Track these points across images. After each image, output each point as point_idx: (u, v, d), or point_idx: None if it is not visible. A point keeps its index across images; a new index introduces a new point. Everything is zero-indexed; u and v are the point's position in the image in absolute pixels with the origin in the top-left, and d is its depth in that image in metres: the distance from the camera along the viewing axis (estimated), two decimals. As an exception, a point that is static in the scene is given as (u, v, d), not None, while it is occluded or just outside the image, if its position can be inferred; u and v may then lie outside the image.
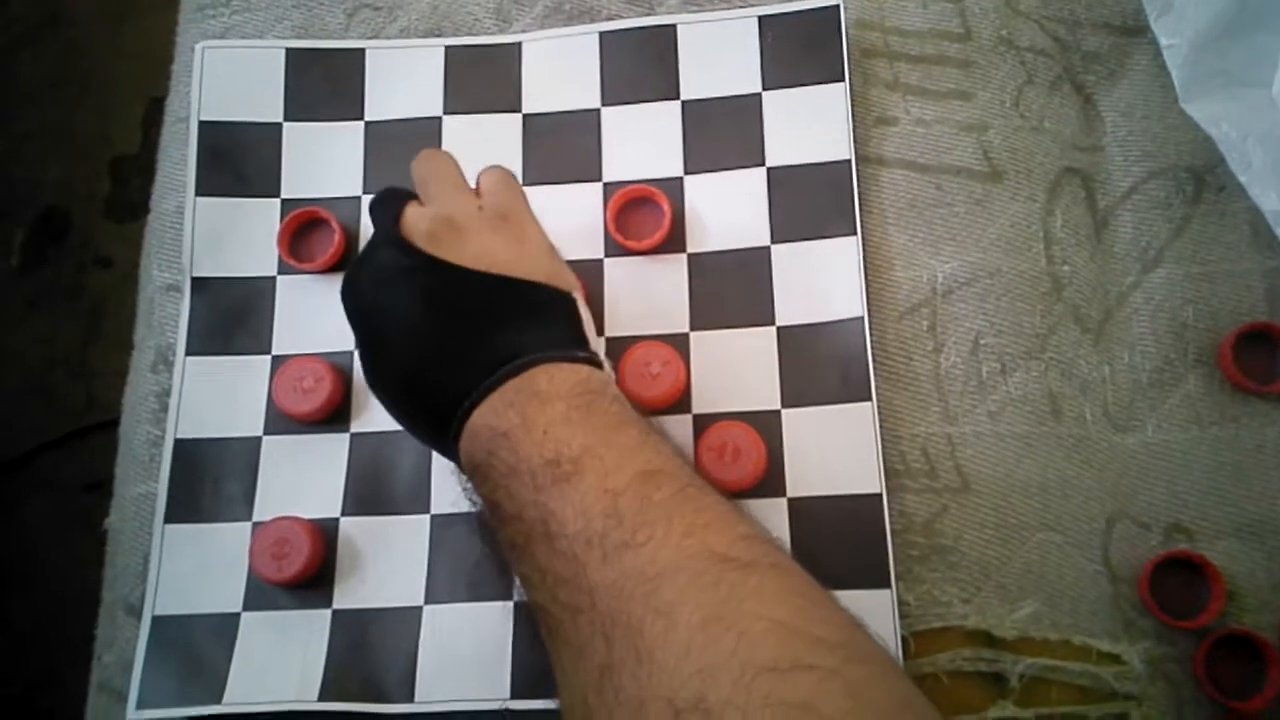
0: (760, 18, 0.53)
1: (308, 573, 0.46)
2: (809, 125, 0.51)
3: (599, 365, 0.39)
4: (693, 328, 0.49)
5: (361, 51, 0.54)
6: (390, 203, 0.41)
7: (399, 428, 0.48)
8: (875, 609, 0.44)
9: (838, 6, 0.52)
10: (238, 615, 0.46)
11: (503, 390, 0.36)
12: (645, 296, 0.50)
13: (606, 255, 0.51)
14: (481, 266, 0.38)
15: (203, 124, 0.53)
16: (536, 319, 0.39)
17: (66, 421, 1.18)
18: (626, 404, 0.38)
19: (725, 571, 0.31)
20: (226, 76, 0.54)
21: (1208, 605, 0.44)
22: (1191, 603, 0.45)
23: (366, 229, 0.52)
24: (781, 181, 0.51)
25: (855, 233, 0.49)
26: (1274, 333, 0.48)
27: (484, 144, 0.52)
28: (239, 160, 0.53)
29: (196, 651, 0.46)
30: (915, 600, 0.45)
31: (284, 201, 0.52)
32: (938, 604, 0.45)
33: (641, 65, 0.53)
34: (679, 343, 0.49)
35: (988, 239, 0.50)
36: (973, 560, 0.45)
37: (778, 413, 0.48)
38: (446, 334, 0.38)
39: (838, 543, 0.45)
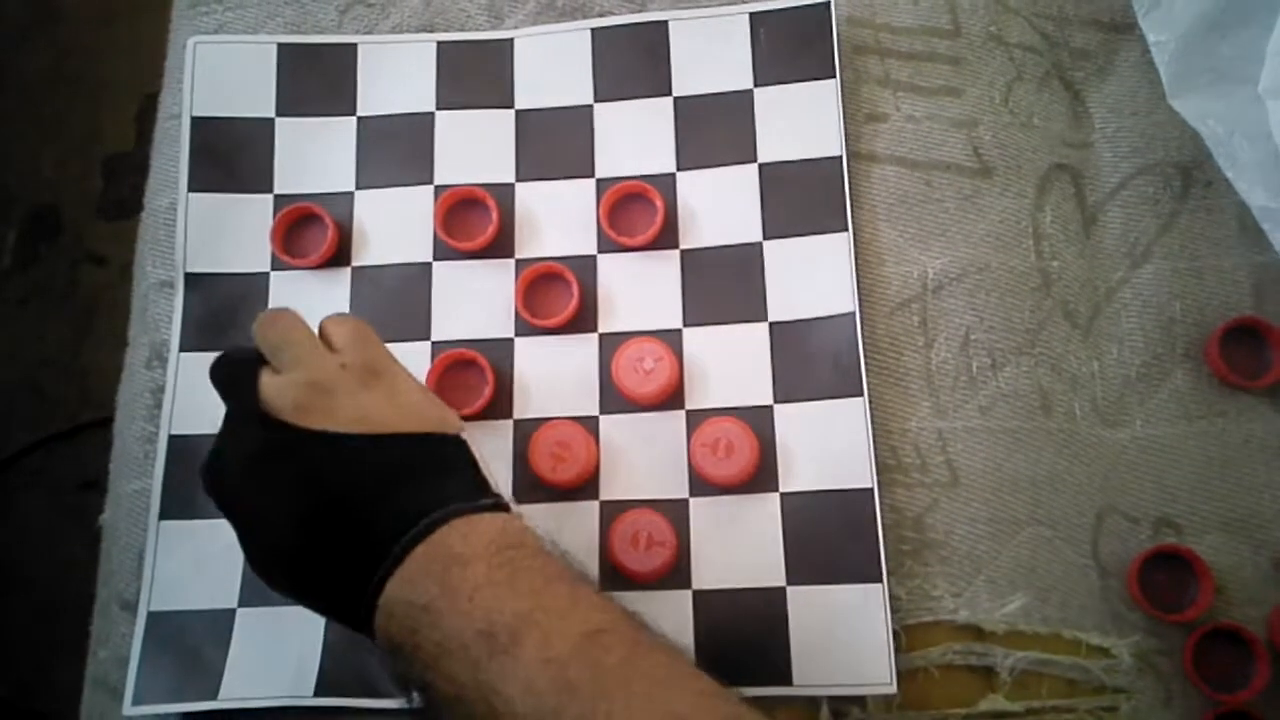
0: (752, 14, 0.53)
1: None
2: (800, 121, 0.51)
3: (506, 508, 0.36)
4: (685, 323, 0.49)
5: (354, 47, 0.54)
6: (240, 374, 0.37)
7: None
8: (867, 603, 0.45)
9: (828, 3, 0.52)
10: (233, 611, 0.46)
11: (413, 557, 0.33)
12: (638, 292, 0.50)
13: (599, 251, 0.51)
14: (361, 429, 0.35)
15: (195, 120, 0.53)
16: (432, 472, 0.36)
17: (60, 420, 1.18)
18: (547, 551, 0.35)
19: None
20: (219, 72, 0.54)
21: (1196, 599, 0.45)
22: (1180, 596, 0.45)
23: (360, 225, 0.52)
24: (773, 178, 0.51)
25: (846, 228, 0.49)
26: (1261, 327, 0.48)
27: (477, 140, 0.53)
28: (232, 156, 0.53)
29: (192, 647, 0.46)
30: (906, 594, 0.45)
31: (277, 197, 0.52)
32: (929, 598, 0.45)
33: (634, 62, 0.53)
34: (672, 338, 0.49)
35: (978, 235, 0.50)
36: (963, 554, 0.46)
37: (770, 408, 0.48)
38: (340, 511, 0.34)
39: (830, 537, 0.46)
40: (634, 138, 0.52)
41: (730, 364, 0.49)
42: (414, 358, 0.49)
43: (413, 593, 0.33)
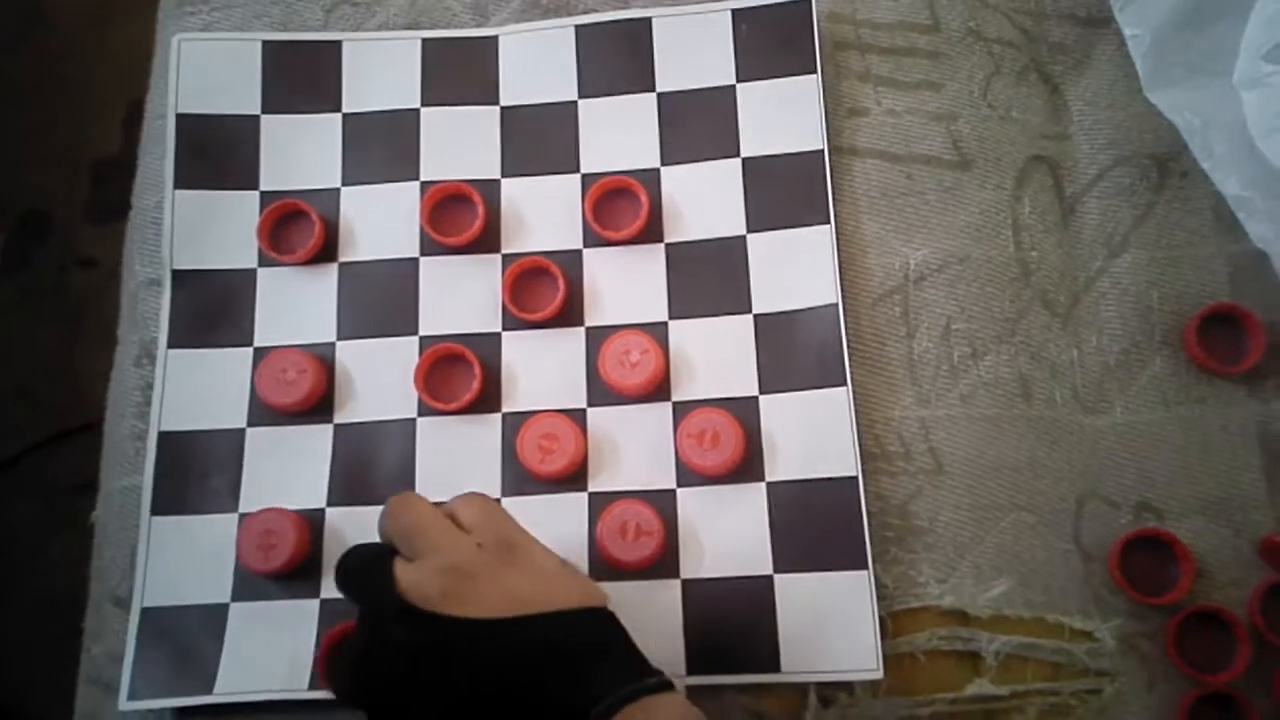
0: (734, 11, 0.53)
1: (294, 563, 0.46)
2: (782, 116, 0.52)
3: (671, 685, 0.34)
4: (671, 316, 0.50)
5: (338, 44, 0.54)
6: (373, 570, 0.35)
7: (383, 418, 0.49)
8: (853, 590, 0.45)
9: (809, 0, 0.53)
10: (226, 606, 0.47)
11: None
12: (623, 286, 0.51)
13: (585, 246, 0.51)
14: (510, 611, 0.34)
15: (180, 117, 0.53)
16: (593, 651, 0.34)
17: (51, 423, 1.17)
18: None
19: None
20: (203, 69, 0.54)
21: (1177, 582, 0.45)
22: (1161, 580, 0.46)
23: (346, 221, 0.52)
24: (756, 172, 0.51)
25: (829, 221, 0.50)
26: (1238, 314, 0.49)
27: (462, 137, 0.53)
28: (217, 153, 0.53)
29: (186, 642, 0.46)
30: (892, 581, 0.46)
31: (263, 194, 0.52)
32: (914, 584, 0.46)
33: (617, 58, 0.54)
34: (657, 331, 0.49)
35: (958, 226, 0.51)
36: (947, 541, 0.46)
37: (755, 399, 0.48)
38: (507, 701, 0.33)
39: (815, 525, 0.46)
40: (618, 133, 0.53)
41: (715, 356, 0.49)
42: (401, 353, 0.50)
43: None
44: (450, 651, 0.33)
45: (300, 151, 0.53)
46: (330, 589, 0.47)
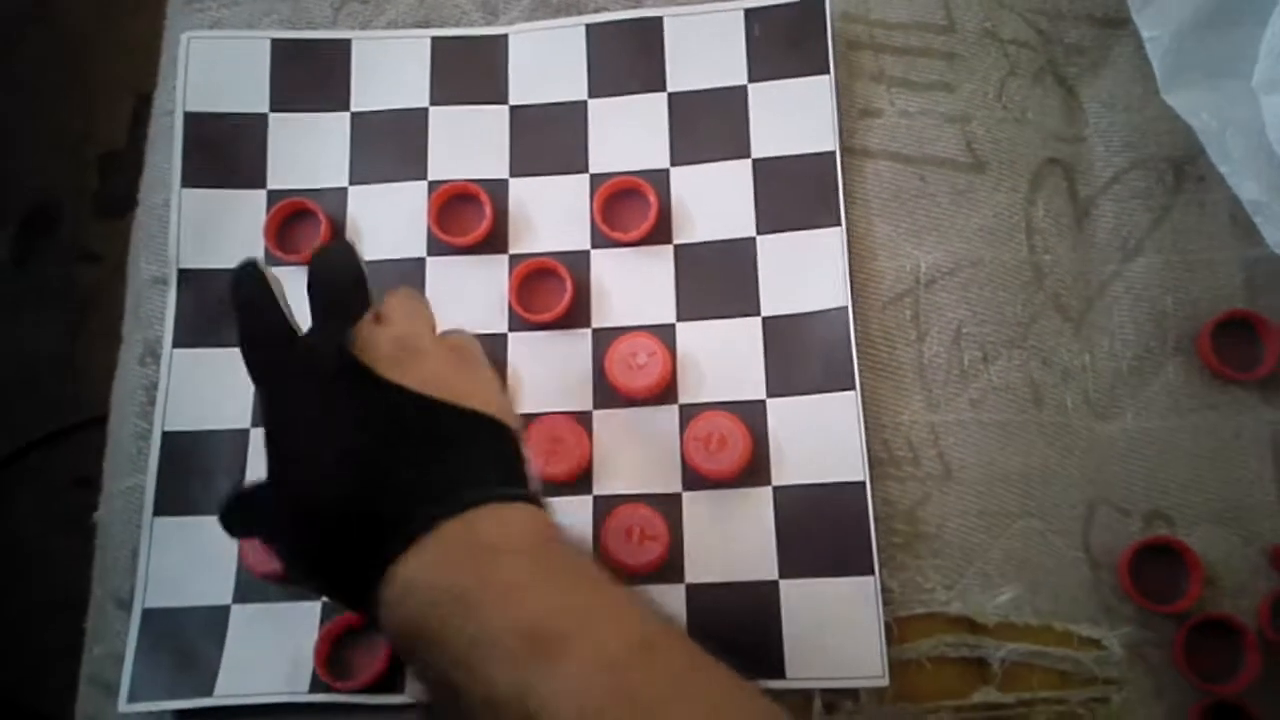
0: (746, 10, 0.53)
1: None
2: (794, 117, 0.51)
3: (539, 504, 0.35)
4: (679, 318, 0.50)
5: (347, 42, 0.54)
6: (340, 306, 0.37)
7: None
8: (859, 596, 0.45)
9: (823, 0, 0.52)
10: (228, 608, 0.46)
11: (442, 535, 0.31)
12: (631, 287, 0.50)
13: (593, 247, 0.51)
14: (430, 391, 0.35)
15: (188, 115, 0.53)
16: (480, 452, 0.35)
17: (54, 418, 1.18)
18: (584, 551, 0.34)
19: None
20: (212, 67, 0.53)
21: (1187, 590, 0.45)
22: (1171, 588, 0.45)
23: (353, 220, 0.52)
24: (767, 173, 0.51)
25: (840, 223, 0.50)
26: (1252, 320, 0.48)
27: (470, 135, 0.53)
28: (225, 152, 0.53)
29: (187, 644, 0.46)
30: (899, 587, 0.45)
31: (270, 193, 0.52)
32: (921, 590, 0.45)
33: (628, 58, 0.53)
34: (665, 333, 0.49)
35: (970, 229, 0.50)
36: (955, 547, 0.46)
37: (763, 402, 0.48)
38: (379, 455, 0.33)
39: (822, 530, 0.46)
40: (628, 133, 0.52)
41: (723, 359, 0.49)
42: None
43: (441, 577, 0.31)
44: (357, 392, 0.34)
45: (308, 150, 0.53)
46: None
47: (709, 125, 0.52)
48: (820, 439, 0.47)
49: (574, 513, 0.47)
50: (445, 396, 0.35)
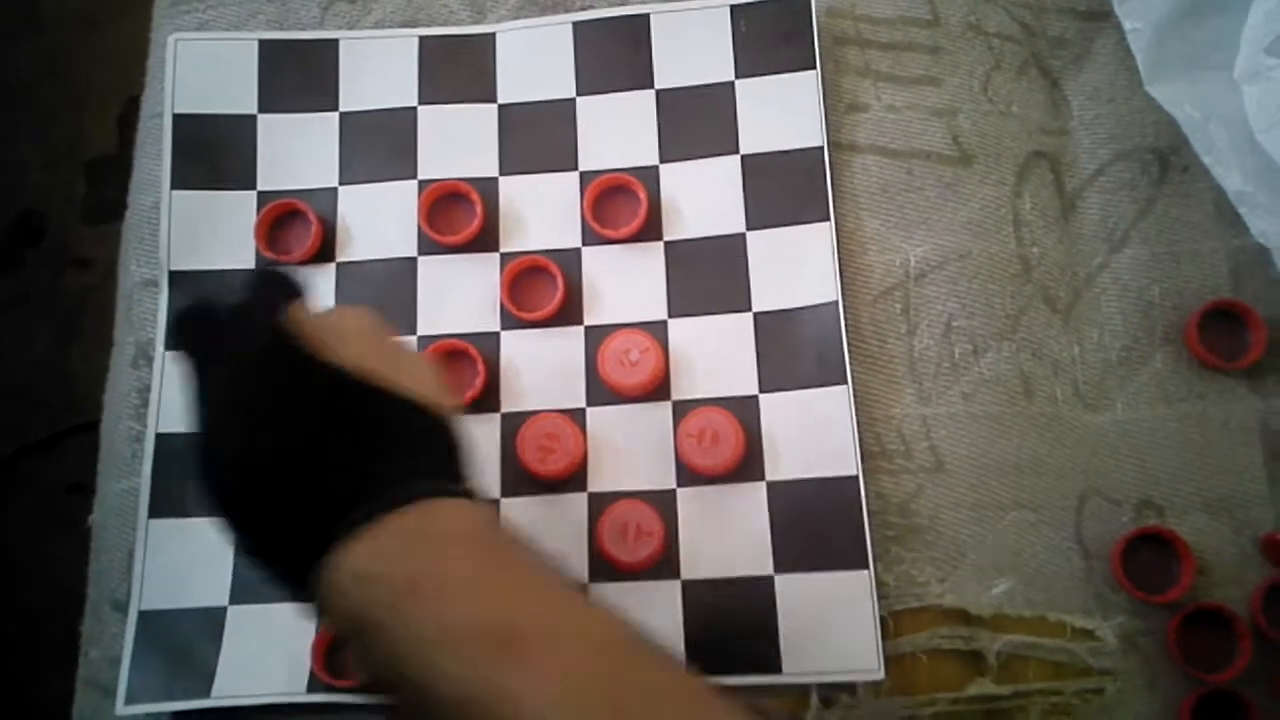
0: (732, 7, 0.53)
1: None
2: (782, 113, 0.51)
3: (470, 496, 0.34)
4: (670, 315, 0.50)
5: (335, 42, 0.54)
6: (275, 288, 0.36)
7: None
8: (854, 590, 0.45)
9: (809, -5, 0.52)
10: (224, 608, 0.46)
11: (387, 527, 0.30)
12: (623, 285, 0.50)
13: (584, 244, 0.51)
14: (366, 373, 0.34)
15: (177, 117, 0.53)
16: (421, 442, 0.34)
17: (48, 424, 1.17)
18: (534, 550, 0.33)
19: None
20: (200, 69, 0.53)
21: (1179, 580, 0.45)
22: (1163, 578, 0.46)
23: (344, 220, 0.52)
24: (755, 169, 0.51)
25: (829, 218, 0.50)
26: (1239, 310, 0.48)
27: (460, 134, 0.53)
28: (214, 153, 0.52)
29: (184, 645, 0.46)
30: (893, 580, 0.46)
31: (260, 194, 0.52)
32: (915, 583, 0.46)
33: (616, 55, 0.53)
34: (657, 330, 0.49)
35: (958, 222, 0.50)
36: (948, 539, 0.46)
37: (755, 398, 0.48)
38: (321, 440, 0.32)
39: (816, 525, 0.46)
40: (617, 131, 0.52)
41: (715, 354, 0.49)
42: (400, 353, 0.50)
43: (388, 568, 0.30)
44: (292, 370, 0.33)
45: (297, 151, 0.53)
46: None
47: (697, 122, 0.52)
48: (813, 433, 0.47)
49: (569, 510, 0.47)
50: (381, 380, 0.34)
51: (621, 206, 0.51)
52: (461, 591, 0.30)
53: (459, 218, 0.51)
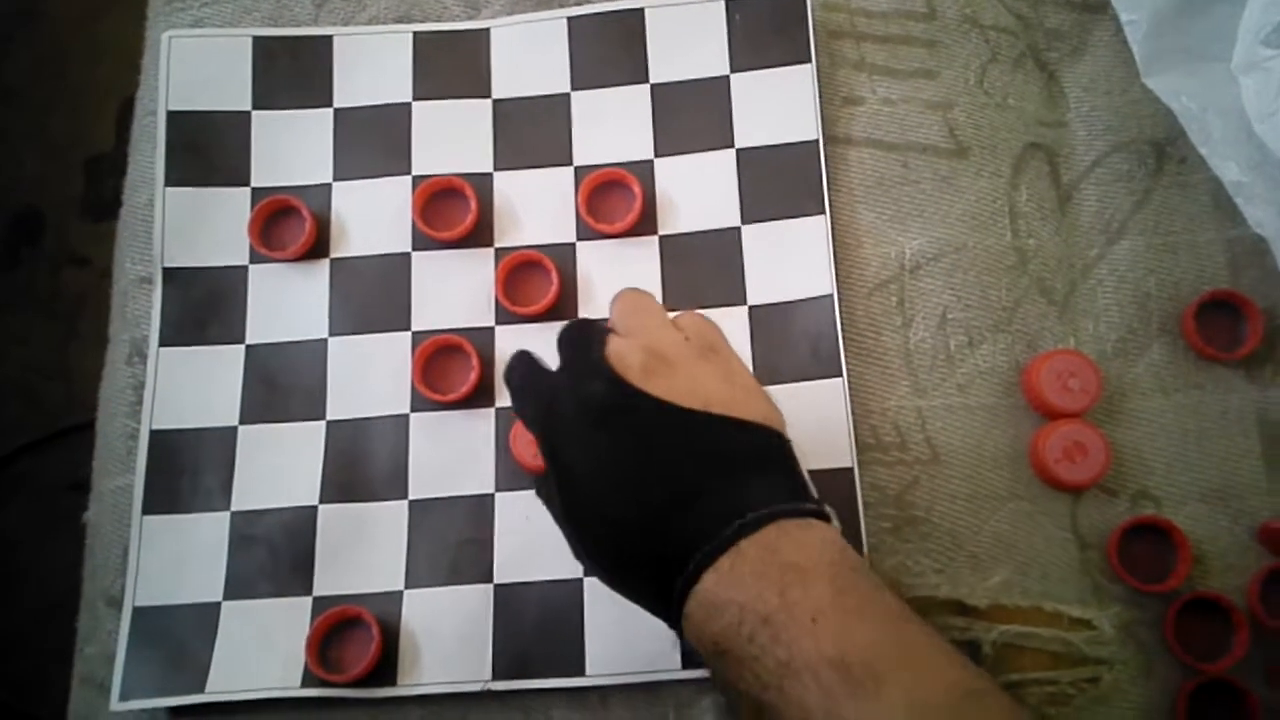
0: (727, 1, 0.53)
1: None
2: (777, 106, 0.51)
3: (827, 517, 0.35)
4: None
5: (329, 38, 0.54)
6: (591, 334, 0.37)
7: (375, 414, 0.49)
8: (850, 581, 0.45)
9: (803, -12, 0.52)
10: (218, 604, 0.46)
11: (741, 553, 0.32)
12: (618, 279, 0.50)
13: (579, 239, 0.51)
14: (695, 403, 0.34)
15: (171, 114, 0.53)
16: (759, 464, 0.35)
17: (46, 423, 1.17)
18: (881, 581, 0.33)
19: None
20: (193, 66, 0.53)
21: (1175, 569, 0.45)
22: (1159, 567, 0.46)
23: (338, 216, 0.52)
24: (751, 163, 0.51)
25: (824, 211, 0.50)
26: (1236, 300, 0.48)
27: (454, 130, 0.53)
28: (208, 149, 0.52)
29: (178, 641, 0.46)
30: (889, 572, 0.46)
31: (254, 190, 0.52)
32: (911, 575, 0.46)
33: (610, 49, 0.53)
34: (652, 324, 0.49)
35: (954, 215, 0.50)
36: (944, 530, 0.46)
37: (751, 391, 0.48)
38: (671, 481, 0.33)
39: (812, 517, 0.46)
40: (611, 125, 0.52)
41: (711, 348, 0.49)
42: (394, 349, 0.49)
43: (744, 595, 0.31)
44: (633, 414, 0.34)
45: (291, 147, 0.53)
46: (324, 587, 0.46)
47: (692, 116, 0.52)
48: (808, 426, 0.47)
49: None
50: (717, 407, 0.35)
51: (616, 201, 0.51)
52: (811, 622, 0.30)
53: (453, 213, 0.51)
